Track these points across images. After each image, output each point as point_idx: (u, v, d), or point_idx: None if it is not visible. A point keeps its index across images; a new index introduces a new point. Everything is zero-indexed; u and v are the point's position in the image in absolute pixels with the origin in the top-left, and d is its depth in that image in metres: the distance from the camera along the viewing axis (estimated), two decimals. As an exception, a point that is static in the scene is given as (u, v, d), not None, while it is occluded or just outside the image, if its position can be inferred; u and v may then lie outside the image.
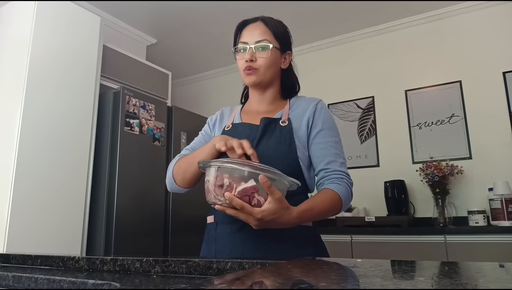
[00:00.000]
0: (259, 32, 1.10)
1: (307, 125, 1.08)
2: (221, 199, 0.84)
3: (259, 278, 0.48)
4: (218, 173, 0.85)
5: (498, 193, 2.49)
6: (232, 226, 1.01)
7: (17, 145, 1.96)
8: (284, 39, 1.14)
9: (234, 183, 0.83)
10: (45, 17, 2.17)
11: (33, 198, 1.97)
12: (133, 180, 2.32)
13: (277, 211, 0.84)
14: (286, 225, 0.89)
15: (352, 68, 3.49)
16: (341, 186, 1.01)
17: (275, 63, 1.12)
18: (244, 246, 0.98)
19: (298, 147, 1.04)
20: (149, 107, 2.48)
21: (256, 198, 0.84)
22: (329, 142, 1.07)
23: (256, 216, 0.83)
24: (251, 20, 1.14)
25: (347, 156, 3.34)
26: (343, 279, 0.48)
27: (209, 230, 1.09)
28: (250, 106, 1.19)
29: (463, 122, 2.94)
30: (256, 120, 1.09)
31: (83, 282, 0.62)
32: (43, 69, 2.12)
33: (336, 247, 2.62)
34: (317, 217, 0.98)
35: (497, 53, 2.90)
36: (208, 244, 1.08)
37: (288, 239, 0.99)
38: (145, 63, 2.99)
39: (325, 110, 1.12)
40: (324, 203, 0.98)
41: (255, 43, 1.08)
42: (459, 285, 0.39)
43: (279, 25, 1.14)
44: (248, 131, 1.08)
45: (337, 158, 1.06)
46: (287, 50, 1.16)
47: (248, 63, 1.08)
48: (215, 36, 3.51)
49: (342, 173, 1.04)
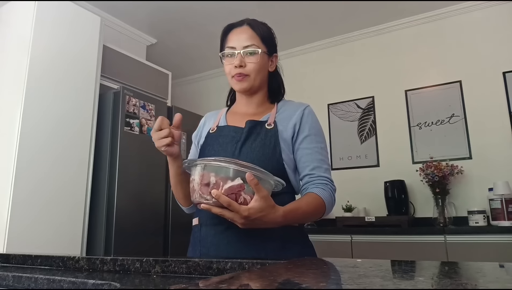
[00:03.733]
0: (246, 36, 1.09)
1: (293, 129, 1.08)
2: (207, 197, 0.84)
3: (259, 278, 0.48)
4: (204, 172, 0.85)
5: (498, 193, 2.49)
6: (216, 228, 1.01)
7: (17, 145, 1.96)
8: (271, 42, 1.14)
9: (221, 181, 0.83)
10: (45, 17, 2.17)
11: (33, 198, 1.97)
12: (133, 180, 2.32)
13: (263, 209, 0.84)
14: (272, 224, 0.89)
15: (352, 68, 3.49)
16: (325, 191, 1.02)
17: (264, 68, 1.12)
18: (230, 248, 0.98)
19: (283, 150, 1.04)
20: (149, 107, 2.48)
21: (242, 196, 0.83)
22: (315, 148, 1.07)
23: (242, 213, 0.82)
24: (237, 24, 1.13)
25: (347, 156, 3.34)
26: (343, 279, 0.48)
27: (194, 232, 1.09)
28: (237, 109, 1.19)
29: (463, 122, 2.94)
30: (242, 123, 1.09)
31: (83, 282, 0.62)
32: (43, 69, 2.12)
33: (336, 247, 2.62)
34: (301, 219, 0.99)
35: (497, 53, 2.90)
36: (193, 247, 1.08)
37: (273, 239, 0.98)
38: (145, 63, 2.99)
39: (312, 115, 1.12)
40: (309, 205, 0.98)
41: (243, 48, 1.08)
42: (459, 285, 0.39)
43: (265, 28, 1.14)
44: (233, 134, 1.08)
45: (322, 164, 1.06)
46: (274, 53, 1.16)
47: (237, 69, 1.07)
48: (215, 36, 3.48)
49: (326, 179, 1.05)
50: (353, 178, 3.22)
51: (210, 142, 1.11)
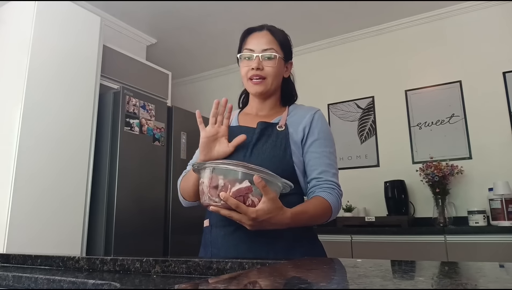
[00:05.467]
0: (265, 40, 1.11)
1: (303, 132, 1.09)
2: (216, 199, 0.85)
3: (259, 278, 0.48)
4: (213, 175, 0.86)
5: (498, 193, 2.49)
6: (226, 229, 1.02)
7: (17, 145, 1.96)
8: (288, 49, 1.17)
9: (229, 184, 0.84)
10: (45, 17, 2.17)
11: (33, 198, 1.97)
12: (133, 180, 2.32)
13: (271, 210, 0.85)
14: (279, 225, 0.90)
15: (352, 68, 3.49)
16: (332, 196, 1.03)
17: (280, 73, 1.14)
18: (239, 249, 0.99)
19: (294, 152, 1.06)
20: (149, 107, 2.48)
21: (250, 198, 0.85)
22: (324, 152, 1.08)
23: (250, 215, 0.84)
24: (257, 28, 1.16)
25: (347, 156, 3.34)
26: (343, 279, 0.48)
27: (205, 233, 1.11)
28: (249, 110, 1.21)
29: (463, 122, 2.94)
30: (254, 124, 1.11)
31: (83, 282, 0.62)
32: (43, 69, 2.12)
33: (336, 247, 2.62)
34: (308, 222, 1.00)
35: (497, 53, 2.90)
36: (204, 248, 1.10)
37: (282, 240, 0.99)
38: (145, 63, 2.99)
39: (322, 120, 1.14)
40: (316, 209, 0.99)
41: (262, 51, 1.10)
42: (459, 285, 0.39)
43: (283, 35, 1.17)
44: (245, 134, 1.09)
45: (330, 169, 1.07)
46: (289, 60, 1.19)
47: (255, 71, 1.09)
48: (215, 36, 3.51)
49: (333, 184, 1.06)
50: (353, 178, 3.22)
51: None
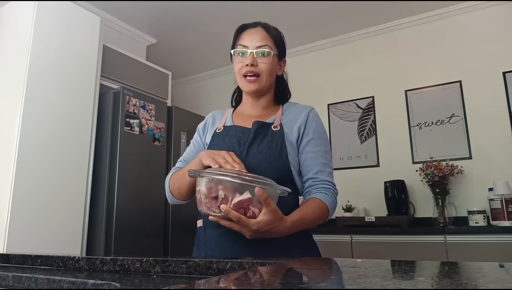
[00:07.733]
0: (260, 37, 1.10)
1: (298, 132, 1.09)
2: (216, 211, 0.84)
3: (259, 278, 0.48)
4: (212, 185, 0.84)
5: (498, 193, 2.49)
6: (220, 229, 1.01)
7: (17, 145, 1.96)
8: (282, 47, 1.16)
9: (229, 195, 0.83)
10: (45, 17, 2.17)
11: (33, 198, 1.97)
12: (133, 180, 2.32)
13: (272, 222, 0.86)
14: (279, 234, 0.91)
15: (352, 68, 3.49)
16: (328, 196, 1.03)
17: (274, 70, 1.13)
18: (234, 249, 0.99)
19: (289, 152, 1.06)
20: (149, 107, 2.48)
21: (251, 209, 0.84)
22: (319, 152, 1.09)
23: (252, 227, 0.84)
24: (251, 24, 1.14)
25: (347, 156, 3.34)
26: (343, 279, 0.48)
27: (199, 234, 1.10)
28: (243, 110, 1.20)
29: (463, 122, 2.94)
30: (248, 124, 1.10)
31: (83, 282, 0.62)
32: (43, 69, 2.12)
33: (336, 247, 2.62)
34: (307, 226, 1.01)
35: (497, 53, 2.90)
36: (198, 248, 1.09)
37: (278, 240, 0.99)
38: (145, 63, 2.99)
39: (317, 119, 1.13)
40: (314, 213, 1.00)
41: (256, 48, 1.09)
42: (459, 285, 0.39)
43: (277, 32, 1.16)
44: (240, 134, 1.08)
45: (326, 168, 1.08)
46: (283, 58, 1.18)
47: (249, 67, 1.08)
48: (215, 36, 3.51)
49: (329, 183, 1.06)
50: (353, 178, 3.22)
51: (217, 142, 1.11)
